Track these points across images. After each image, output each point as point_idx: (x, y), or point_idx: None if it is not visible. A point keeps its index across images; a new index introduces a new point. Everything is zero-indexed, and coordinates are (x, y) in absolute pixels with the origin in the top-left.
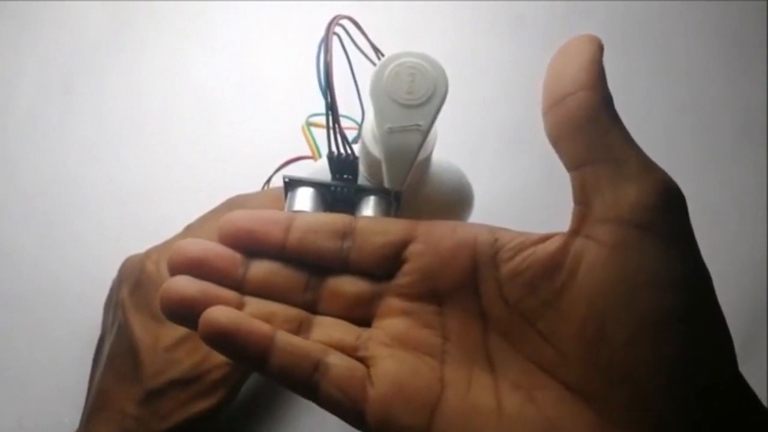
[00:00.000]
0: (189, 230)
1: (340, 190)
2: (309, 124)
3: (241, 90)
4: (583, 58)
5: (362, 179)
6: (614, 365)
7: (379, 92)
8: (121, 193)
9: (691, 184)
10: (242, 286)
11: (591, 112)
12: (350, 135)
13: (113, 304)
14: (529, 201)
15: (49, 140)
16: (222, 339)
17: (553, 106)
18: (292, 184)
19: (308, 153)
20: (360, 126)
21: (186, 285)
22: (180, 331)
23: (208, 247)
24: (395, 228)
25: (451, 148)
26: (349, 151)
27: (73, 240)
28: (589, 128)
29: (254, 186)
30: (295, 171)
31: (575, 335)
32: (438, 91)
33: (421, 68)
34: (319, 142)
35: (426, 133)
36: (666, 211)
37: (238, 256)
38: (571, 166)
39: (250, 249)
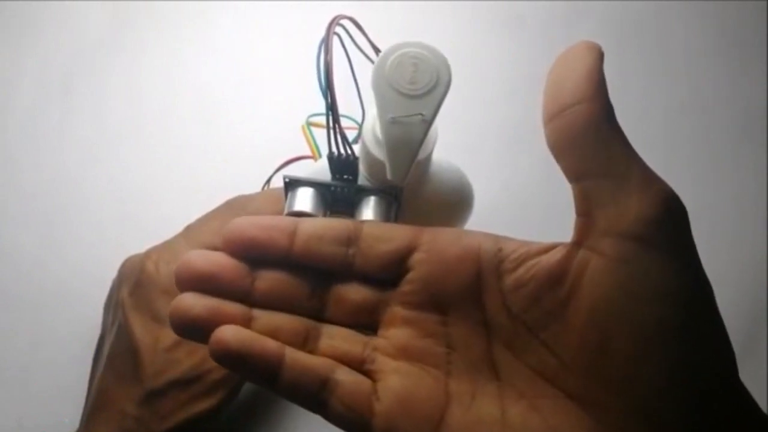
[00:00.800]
0: (189, 230)
1: (340, 190)
2: (309, 124)
3: (241, 90)
4: (582, 68)
5: (362, 179)
6: (615, 375)
7: (381, 82)
8: (121, 193)
9: (691, 184)
10: (249, 297)
11: (591, 125)
12: (350, 135)
13: (113, 304)
14: (528, 201)
15: (49, 140)
16: (232, 359)
17: (553, 118)
18: (292, 184)
19: (308, 153)
20: (360, 126)
21: (193, 303)
22: None
23: (213, 260)
24: (400, 235)
25: (451, 148)
26: (349, 152)
27: (73, 240)
28: (590, 141)
29: (254, 186)
30: (296, 171)
31: (578, 346)
32: (441, 80)
33: (424, 58)
34: (319, 142)
35: (429, 123)
36: (667, 224)
37: (243, 266)
38: (573, 178)
39: (255, 256)
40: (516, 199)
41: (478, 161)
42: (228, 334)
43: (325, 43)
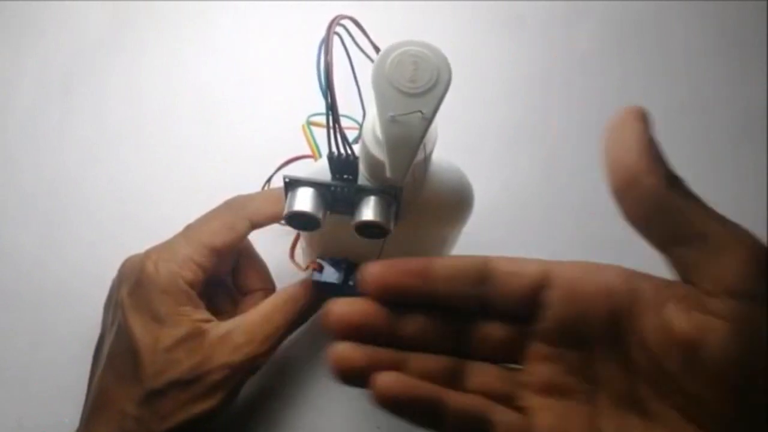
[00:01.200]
0: (189, 230)
1: (340, 190)
2: (309, 124)
3: (241, 90)
4: (636, 141)
5: (362, 179)
6: (759, 425)
7: (381, 80)
8: (121, 192)
9: (691, 184)
10: (396, 340)
11: (660, 198)
12: (350, 135)
13: (113, 304)
14: (528, 201)
15: (49, 140)
16: (396, 405)
17: (621, 197)
18: (292, 184)
19: (308, 152)
20: (361, 126)
21: (352, 353)
22: (180, 331)
23: (361, 309)
24: (530, 270)
25: (451, 149)
26: (349, 151)
27: (73, 239)
28: (663, 211)
29: (254, 186)
30: (296, 170)
31: (716, 397)
32: (441, 79)
33: (424, 56)
34: (319, 142)
35: (429, 121)
36: (762, 274)
37: (386, 311)
38: (659, 248)
39: (396, 301)
40: (516, 199)
41: (478, 161)
42: (390, 381)
43: (325, 44)
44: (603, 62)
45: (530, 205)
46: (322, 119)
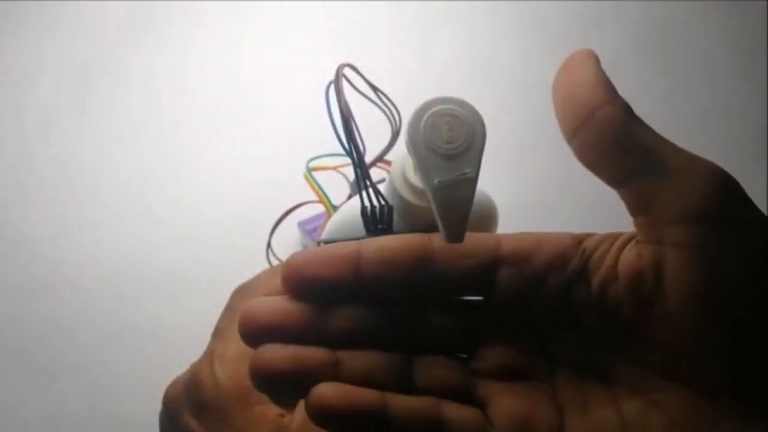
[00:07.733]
0: (220, 331)
1: None
2: (310, 170)
3: (255, 88)
4: (588, 76)
5: (396, 223)
6: (725, 361)
7: (418, 146)
8: (136, 185)
9: None
10: (325, 340)
11: (618, 127)
12: (344, 171)
13: None
14: (546, 206)
15: (67, 133)
16: (336, 419)
17: (576, 133)
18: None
19: (305, 197)
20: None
21: (276, 356)
22: None
23: (277, 308)
24: (478, 250)
25: None
26: (383, 202)
27: (89, 230)
28: (624, 141)
29: (265, 183)
30: (301, 216)
31: (678, 338)
32: (477, 133)
33: (456, 113)
34: (322, 185)
35: (475, 178)
36: (727, 196)
37: (310, 308)
38: (617, 183)
39: (323, 296)
40: (533, 205)
41: (494, 167)
42: (327, 393)
43: (339, 100)
44: (623, 66)
45: (547, 211)
46: (324, 162)
